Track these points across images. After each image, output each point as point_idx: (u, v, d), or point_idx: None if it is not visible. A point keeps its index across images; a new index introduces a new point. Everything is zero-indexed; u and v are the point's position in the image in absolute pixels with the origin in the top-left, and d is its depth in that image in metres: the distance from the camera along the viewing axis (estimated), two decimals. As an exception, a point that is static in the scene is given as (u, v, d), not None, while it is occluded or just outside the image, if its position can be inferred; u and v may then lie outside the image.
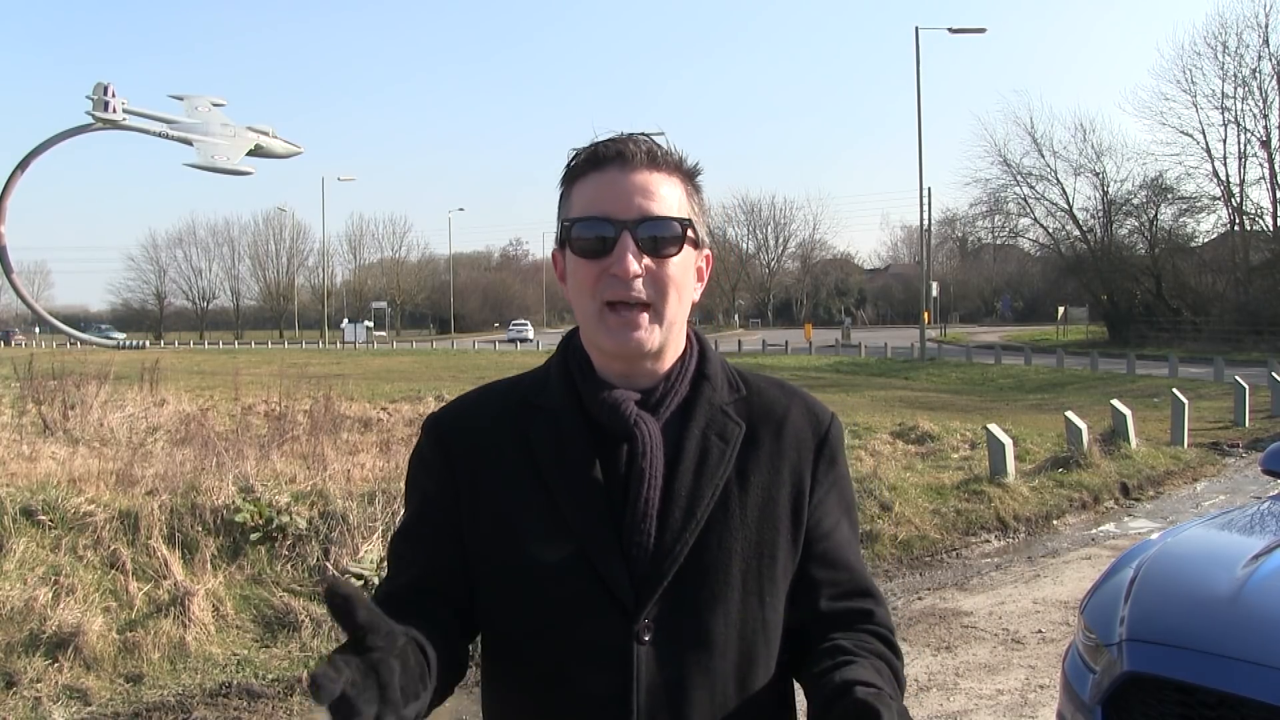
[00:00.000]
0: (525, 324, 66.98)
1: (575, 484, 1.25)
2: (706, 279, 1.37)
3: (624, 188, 1.25)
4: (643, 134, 1.30)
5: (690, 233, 1.28)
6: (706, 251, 1.36)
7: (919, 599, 6.46)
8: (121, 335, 70.70)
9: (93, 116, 14.41)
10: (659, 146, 1.29)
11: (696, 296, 1.34)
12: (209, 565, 5.70)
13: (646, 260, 1.24)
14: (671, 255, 1.26)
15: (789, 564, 1.29)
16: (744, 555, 1.25)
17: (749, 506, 1.27)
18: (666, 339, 1.27)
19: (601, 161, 1.27)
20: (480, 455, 1.29)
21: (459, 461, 1.30)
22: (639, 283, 1.23)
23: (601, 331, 1.26)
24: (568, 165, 1.30)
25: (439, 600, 1.28)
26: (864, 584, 1.34)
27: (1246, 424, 14.29)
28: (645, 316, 1.25)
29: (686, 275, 1.29)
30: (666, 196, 1.27)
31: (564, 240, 1.29)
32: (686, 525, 1.23)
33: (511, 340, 59.30)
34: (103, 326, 75.57)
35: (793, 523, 1.30)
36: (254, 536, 5.97)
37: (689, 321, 1.36)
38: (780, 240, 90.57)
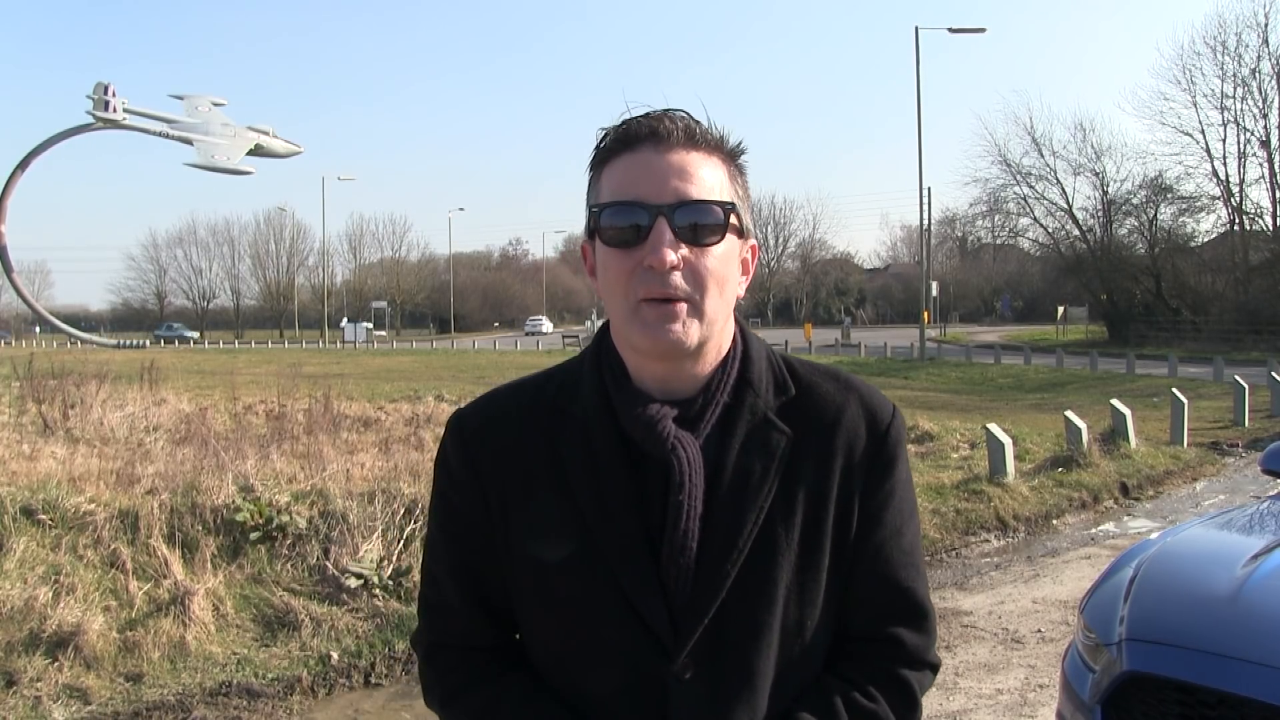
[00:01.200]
0: (541, 319, 73.77)
1: (608, 508, 1.15)
2: (752, 272, 1.25)
3: (659, 168, 1.13)
4: (679, 110, 1.17)
5: (734, 219, 1.16)
6: (752, 242, 1.23)
7: (919, 598, 6.46)
8: (195, 334, 70.14)
9: (93, 116, 14.43)
10: (698, 123, 1.17)
11: (741, 291, 1.23)
12: (209, 564, 5.70)
13: (684, 250, 1.12)
14: (713, 244, 1.13)
15: (835, 582, 1.21)
16: (789, 581, 1.17)
17: (794, 526, 1.17)
18: (708, 336, 1.16)
19: (634, 140, 1.15)
20: (507, 463, 1.21)
21: (485, 469, 1.22)
22: (677, 275, 1.11)
23: (635, 327, 1.13)
24: (597, 146, 1.18)
25: (486, 620, 1.25)
26: (909, 605, 1.24)
27: (1246, 424, 14.27)
28: (684, 309, 1.12)
29: (729, 267, 1.16)
30: (707, 178, 1.14)
31: (593, 229, 1.17)
32: (728, 556, 1.14)
33: (530, 334, 64.85)
34: (174, 325, 74.37)
35: (840, 536, 1.21)
36: (254, 536, 5.97)
37: (736, 319, 1.25)
38: (780, 240, 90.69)
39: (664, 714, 1.14)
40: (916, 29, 32.69)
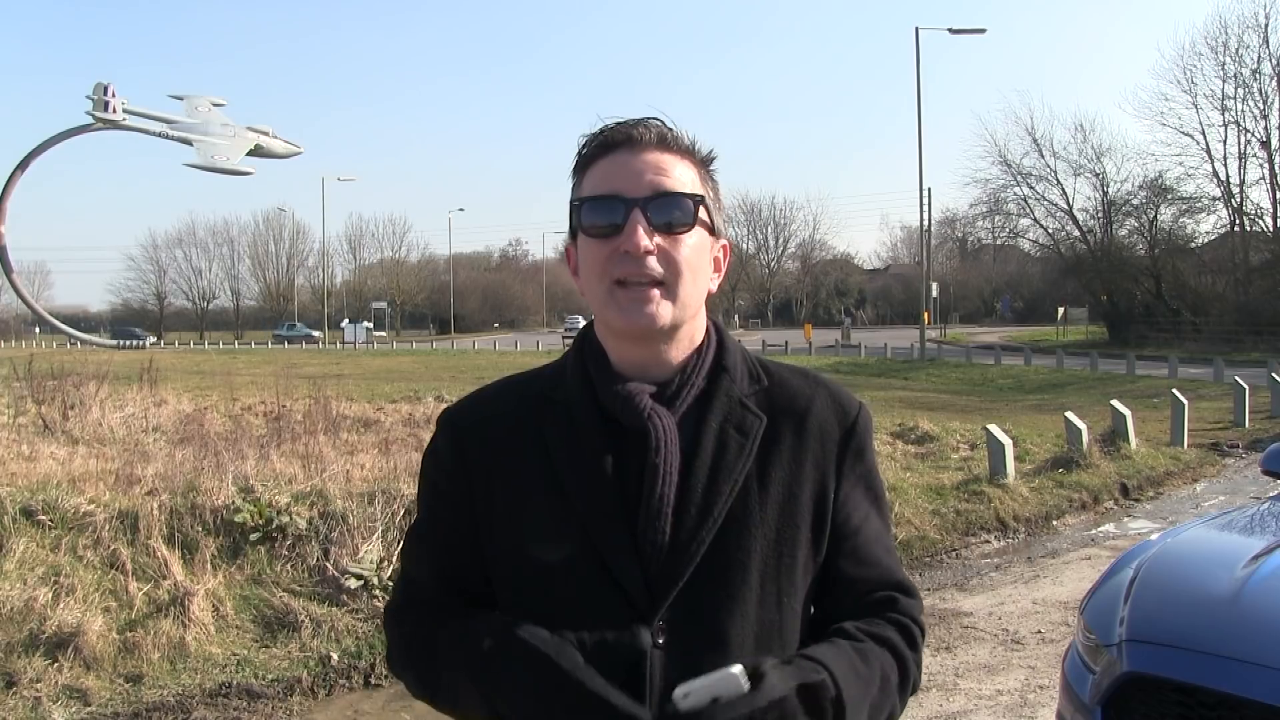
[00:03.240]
0: (578, 318, 76.73)
1: (588, 481, 1.22)
2: (725, 270, 1.33)
3: (635, 166, 1.22)
4: (653, 118, 1.27)
5: (704, 212, 1.25)
6: (724, 241, 1.32)
7: (919, 599, 6.46)
8: (316, 332, 68.00)
9: (93, 116, 14.45)
10: (670, 130, 1.26)
11: (714, 287, 1.30)
12: (209, 565, 5.70)
13: (658, 238, 1.21)
14: (684, 233, 1.22)
15: (810, 562, 1.26)
16: (763, 554, 1.22)
17: (769, 503, 1.23)
18: (680, 319, 1.24)
19: (611, 146, 1.24)
20: (495, 450, 1.27)
21: (474, 457, 1.28)
22: (651, 260, 1.20)
23: (611, 308, 1.22)
24: (578, 153, 1.27)
25: (457, 597, 1.29)
26: (893, 578, 1.31)
27: (1246, 424, 14.28)
28: (657, 292, 1.21)
29: (701, 257, 1.25)
30: (679, 175, 1.24)
31: (574, 224, 1.26)
32: (703, 524, 1.20)
33: (570, 330, 66.48)
34: (295, 325, 71.28)
35: (815, 519, 1.26)
36: (254, 537, 5.97)
37: (709, 314, 1.32)
38: (780, 240, 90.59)
39: (637, 679, 1.17)
40: (917, 30, 32.83)
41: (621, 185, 1.21)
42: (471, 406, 1.34)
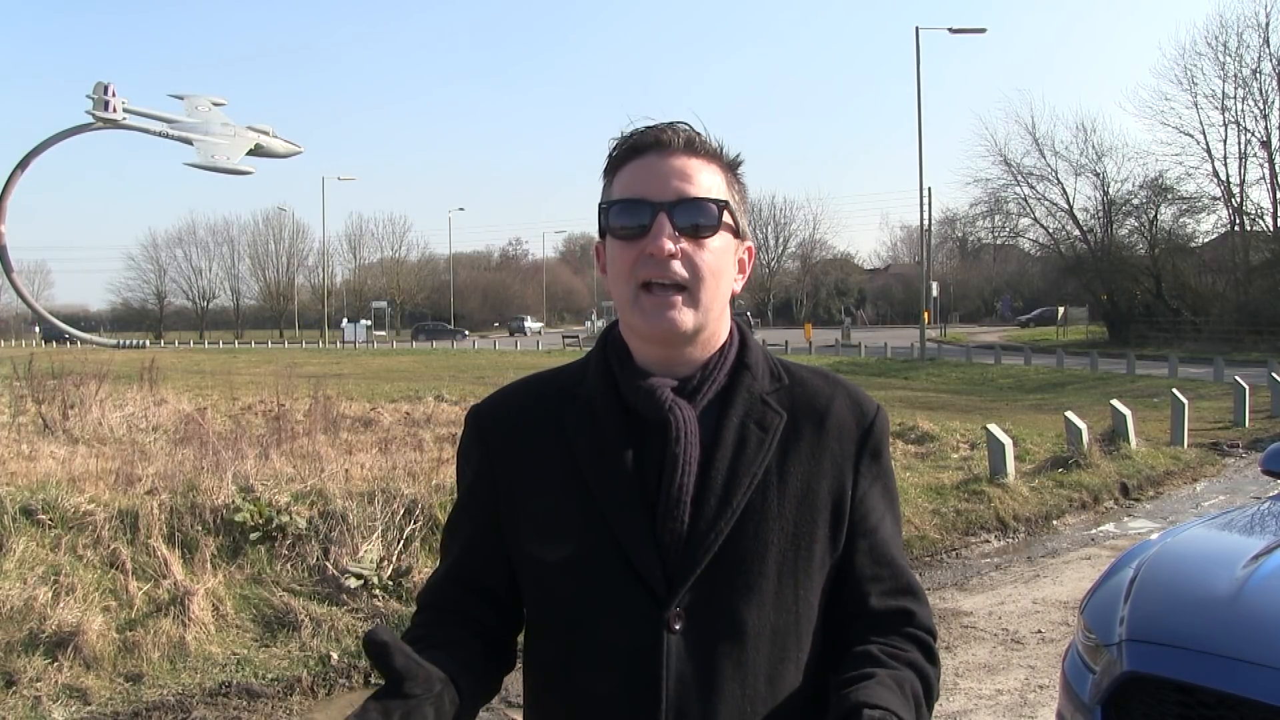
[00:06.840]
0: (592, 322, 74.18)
1: (609, 471, 1.24)
2: (749, 272, 1.36)
3: (661, 171, 1.25)
4: (681, 122, 1.30)
5: (728, 216, 1.27)
6: (749, 244, 1.35)
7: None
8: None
9: (93, 116, 14.43)
10: (698, 134, 1.29)
11: (737, 288, 1.33)
12: (209, 565, 5.70)
13: (683, 242, 1.23)
14: (708, 237, 1.25)
15: (826, 558, 1.28)
16: (780, 547, 1.24)
17: (787, 497, 1.25)
18: (703, 323, 1.26)
19: (640, 149, 1.27)
20: (517, 444, 1.31)
21: (497, 451, 1.32)
22: (675, 264, 1.23)
23: (636, 313, 1.25)
24: (609, 155, 1.31)
25: (474, 594, 1.32)
26: (906, 581, 1.32)
27: (1246, 424, 14.28)
28: (680, 298, 1.24)
29: (724, 261, 1.28)
30: (704, 181, 1.26)
31: (603, 225, 1.29)
32: (721, 514, 1.22)
33: (571, 336, 65.08)
34: (522, 316, 69.81)
35: (833, 517, 1.28)
36: (254, 536, 5.97)
37: (732, 313, 1.34)
38: (780, 240, 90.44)
39: (655, 665, 1.20)
40: (917, 29, 32.90)
41: (648, 189, 1.24)
42: (495, 402, 1.38)
